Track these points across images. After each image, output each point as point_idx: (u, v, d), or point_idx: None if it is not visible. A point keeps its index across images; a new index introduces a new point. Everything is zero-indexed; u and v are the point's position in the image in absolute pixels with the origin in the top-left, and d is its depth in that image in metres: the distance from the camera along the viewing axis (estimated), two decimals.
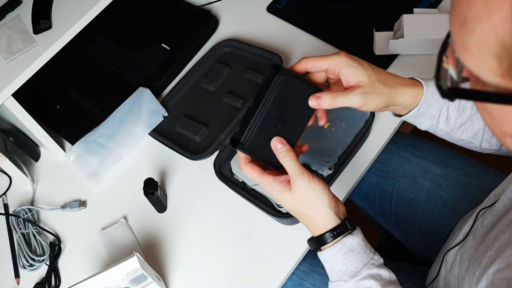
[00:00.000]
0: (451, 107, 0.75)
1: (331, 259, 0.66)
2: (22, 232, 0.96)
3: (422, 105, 0.73)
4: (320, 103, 0.66)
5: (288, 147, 0.66)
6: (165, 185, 0.98)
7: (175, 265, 0.90)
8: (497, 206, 0.69)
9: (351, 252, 0.66)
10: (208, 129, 1.01)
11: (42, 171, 1.06)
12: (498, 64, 0.34)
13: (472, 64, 0.36)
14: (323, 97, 0.66)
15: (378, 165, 1.03)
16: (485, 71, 0.35)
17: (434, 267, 0.85)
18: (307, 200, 0.66)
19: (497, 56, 0.33)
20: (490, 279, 0.57)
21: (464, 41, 0.35)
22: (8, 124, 1.05)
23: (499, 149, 0.80)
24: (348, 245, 0.66)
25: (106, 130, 1.03)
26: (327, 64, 0.68)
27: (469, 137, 0.78)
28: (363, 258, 0.66)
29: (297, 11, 1.13)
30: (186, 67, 1.12)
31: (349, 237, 0.66)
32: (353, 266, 0.65)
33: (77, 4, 0.95)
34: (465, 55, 0.36)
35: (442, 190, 0.97)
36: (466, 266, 0.69)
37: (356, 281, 0.65)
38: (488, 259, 0.60)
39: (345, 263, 0.66)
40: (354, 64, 0.67)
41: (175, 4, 1.21)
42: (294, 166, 0.65)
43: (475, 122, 0.76)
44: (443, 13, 1.02)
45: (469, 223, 0.76)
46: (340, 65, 0.67)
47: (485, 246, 0.64)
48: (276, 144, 0.67)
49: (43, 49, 0.92)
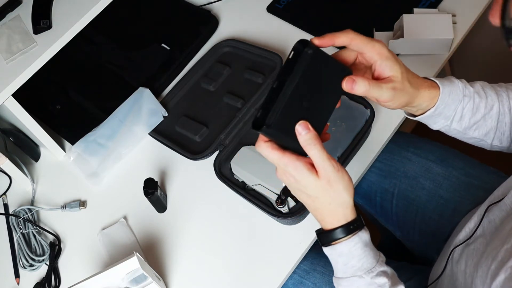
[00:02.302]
0: (466, 107, 0.75)
1: (348, 253, 0.64)
2: (22, 232, 0.96)
3: (439, 105, 0.72)
4: (354, 88, 0.62)
5: (313, 134, 0.60)
6: (165, 185, 0.98)
7: (175, 265, 0.90)
8: (506, 201, 0.69)
9: (366, 247, 0.65)
10: (208, 129, 1.00)
11: (42, 171, 1.06)
12: None
13: None
14: (360, 82, 0.62)
15: (379, 164, 1.03)
16: None
17: (438, 264, 0.85)
18: (336, 190, 0.63)
19: None
20: (510, 272, 0.57)
21: None
22: (8, 124, 1.05)
23: (509, 146, 0.80)
24: (363, 240, 0.65)
25: (106, 130, 1.03)
26: (369, 49, 0.65)
27: (482, 135, 0.78)
28: (375, 254, 0.66)
29: (297, 11, 1.13)
30: (186, 67, 1.12)
31: (364, 232, 0.65)
32: (368, 262, 0.64)
33: (77, 4, 0.95)
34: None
35: (443, 190, 0.97)
36: (476, 261, 0.69)
37: (371, 277, 0.64)
38: (504, 252, 0.60)
39: (360, 258, 0.64)
40: (392, 58, 0.66)
41: (175, 4, 1.21)
42: (322, 155, 0.61)
43: (488, 120, 0.76)
44: (443, 13, 1.02)
45: (475, 219, 0.76)
46: (380, 55, 0.65)
47: (499, 240, 0.64)
48: (301, 130, 0.60)
49: (43, 49, 0.92)
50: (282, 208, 0.85)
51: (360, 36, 0.65)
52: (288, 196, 0.84)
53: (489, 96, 0.76)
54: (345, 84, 0.62)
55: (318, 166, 0.61)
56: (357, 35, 0.65)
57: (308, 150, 0.61)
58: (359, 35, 0.65)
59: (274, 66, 1.03)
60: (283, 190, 0.84)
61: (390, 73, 0.66)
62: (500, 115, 0.76)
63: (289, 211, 0.85)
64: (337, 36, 0.64)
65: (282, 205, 0.84)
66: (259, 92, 1.00)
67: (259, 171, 0.87)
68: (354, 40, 0.64)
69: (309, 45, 0.60)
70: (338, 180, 0.62)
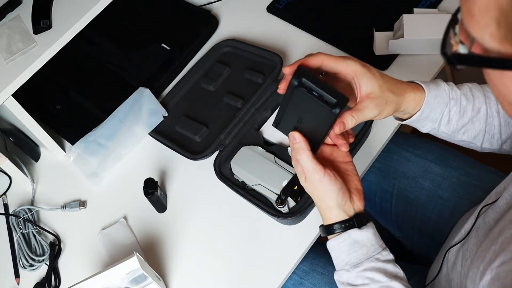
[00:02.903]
0: (452, 110, 0.75)
1: (337, 248, 0.68)
2: (22, 232, 0.96)
3: (425, 109, 0.73)
4: (346, 128, 0.67)
5: (302, 145, 0.67)
6: (165, 185, 0.98)
7: (175, 265, 0.90)
8: (500, 203, 0.69)
9: (356, 244, 0.67)
10: (208, 129, 1.00)
11: (42, 171, 1.06)
12: (497, 29, 0.37)
13: (475, 30, 0.39)
14: (348, 120, 0.66)
15: (378, 164, 1.03)
16: (487, 37, 0.38)
17: (435, 265, 0.85)
18: (315, 195, 0.68)
19: (496, 20, 0.36)
20: (495, 272, 0.57)
21: (469, 9, 0.39)
22: (8, 124, 1.05)
23: (499, 148, 0.80)
24: (354, 237, 0.67)
25: (106, 130, 1.03)
26: (342, 68, 0.68)
27: (470, 138, 0.79)
28: (368, 251, 0.67)
29: (297, 11, 1.13)
30: (186, 67, 1.12)
31: (356, 230, 0.67)
32: (357, 258, 0.66)
33: (77, 4, 0.96)
34: (470, 21, 0.39)
35: (443, 190, 0.97)
36: (469, 263, 0.69)
37: (358, 271, 0.66)
38: (492, 253, 0.60)
39: (349, 253, 0.67)
40: (368, 75, 0.67)
41: (175, 4, 1.21)
42: (307, 163, 0.66)
43: (476, 123, 0.77)
44: (443, 13, 1.02)
45: (470, 220, 0.76)
46: (354, 72, 0.67)
47: (489, 241, 0.64)
48: (292, 138, 0.68)
49: (43, 49, 0.92)
50: (282, 208, 0.85)
51: (330, 57, 0.68)
52: (288, 196, 0.84)
53: (477, 99, 0.76)
54: (338, 129, 0.66)
55: (305, 172, 0.67)
56: (328, 56, 0.68)
57: (295, 159, 0.68)
58: (329, 56, 0.68)
59: (274, 66, 1.03)
60: (283, 190, 0.84)
61: (367, 90, 0.67)
62: (488, 117, 0.77)
63: (289, 211, 0.85)
64: (307, 60, 0.68)
65: (282, 205, 0.84)
66: (259, 92, 1.00)
67: (259, 171, 0.87)
68: (325, 61, 0.68)
69: (295, 75, 0.64)
70: (318, 188, 0.67)
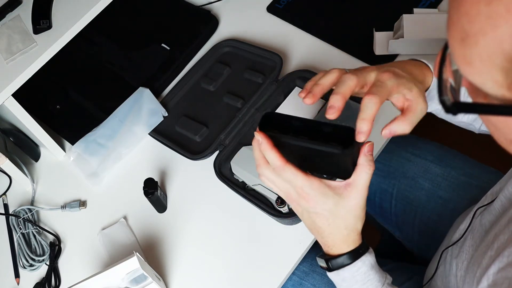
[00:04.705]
0: None
1: (350, 278, 0.63)
2: (22, 232, 0.96)
3: (432, 90, 0.71)
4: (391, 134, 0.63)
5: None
6: (165, 185, 0.98)
7: (175, 265, 0.90)
8: (495, 205, 0.69)
9: (371, 271, 0.64)
10: (208, 129, 1.01)
11: (42, 171, 1.06)
12: (505, 77, 0.33)
13: (475, 77, 0.35)
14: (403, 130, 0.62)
15: (378, 164, 1.03)
16: (489, 83, 0.34)
17: (431, 265, 0.85)
18: (334, 223, 0.62)
19: (503, 69, 0.32)
20: (492, 279, 0.57)
21: (466, 55, 0.34)
22: (8, 124, 1.05)
23: None
24: (368, 264, 0.63)
25: (106, 130, 1.03)
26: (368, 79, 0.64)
27: (471, 120, 0.79)
28: (381, 278, 0.64)
29: (297, 11, 1.13)
30: (186, 67, 1.12)
31: (367, 255, 0.64)
32: (373, 285, 0.64)
33: (77, 4, 0.95)
34: (468, 69, 0.35)
35: (442, 190, 0.97)
36: (466, 265, 0.69)
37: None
38: (488, 259, 0.60)
39: (364, 282, 0.63)
40: (407, 85, 0.63)
41: (175, 4, 1.21)
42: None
43: None
44: (443, 13, 1.02)
45: (466, 221, 0.76)
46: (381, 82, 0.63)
47: (484, 246, 0.64)
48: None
49: (43, 49, 0.92)
50: (282, 208, 0.85)
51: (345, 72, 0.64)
52: None
53: None
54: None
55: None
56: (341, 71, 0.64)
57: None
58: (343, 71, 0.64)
59: (274, 66, 1.03)
60: None
61: (407, 97, 0.64)
62: None
63: (289, 211, 0.85)
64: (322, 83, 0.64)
65: (282, 205, 0.84)
66: (259, 92, 1.00)
67: None
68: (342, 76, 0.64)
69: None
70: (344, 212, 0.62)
